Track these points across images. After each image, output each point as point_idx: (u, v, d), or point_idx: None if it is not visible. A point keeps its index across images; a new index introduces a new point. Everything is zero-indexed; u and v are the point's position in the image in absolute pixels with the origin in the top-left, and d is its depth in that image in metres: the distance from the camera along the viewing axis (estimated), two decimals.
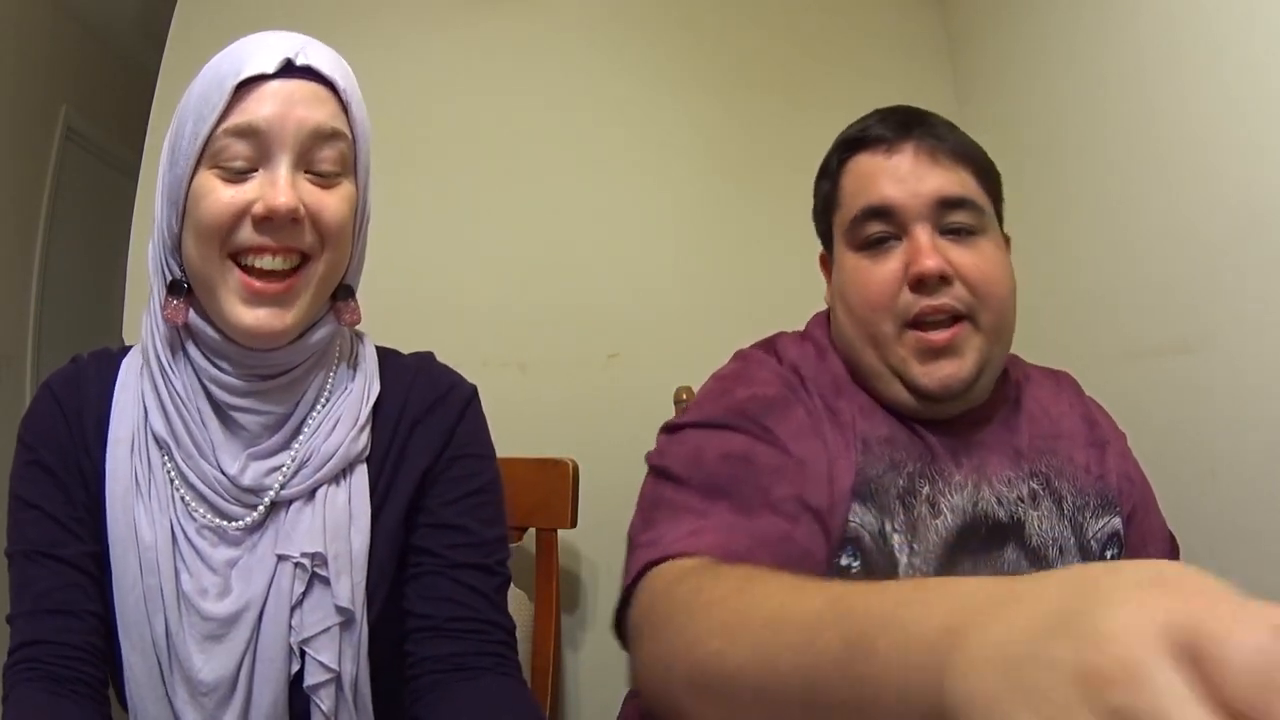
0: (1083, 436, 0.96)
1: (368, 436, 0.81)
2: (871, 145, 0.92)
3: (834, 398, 0.90)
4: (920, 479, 0.87)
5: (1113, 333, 1.42)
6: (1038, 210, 1.66)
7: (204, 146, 0.73)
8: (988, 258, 0.89)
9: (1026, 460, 0.92)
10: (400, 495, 0.83)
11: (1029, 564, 0.87)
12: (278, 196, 0.71)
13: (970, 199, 0.89)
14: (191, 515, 0.76)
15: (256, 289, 0.73)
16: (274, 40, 0.75)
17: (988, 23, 1.84)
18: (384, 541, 0.81)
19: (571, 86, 1.92)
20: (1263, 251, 1.11)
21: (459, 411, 0.86)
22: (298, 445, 0.78)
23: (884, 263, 0.89)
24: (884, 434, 0.89)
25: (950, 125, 0.94)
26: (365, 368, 0.84)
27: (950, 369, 0.87)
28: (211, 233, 0.72)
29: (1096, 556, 0.90)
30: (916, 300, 0.87)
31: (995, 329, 0.88)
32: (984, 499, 0.88)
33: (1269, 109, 1.09)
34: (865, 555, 0.82)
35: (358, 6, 1.85)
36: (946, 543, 0.84)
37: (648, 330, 1.84)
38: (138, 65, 2.60)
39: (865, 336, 0.90)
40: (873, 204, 0.89)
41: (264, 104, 0.72)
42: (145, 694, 0.75)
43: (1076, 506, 0.91)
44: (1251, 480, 1.14)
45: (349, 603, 0.76)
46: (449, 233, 1.84)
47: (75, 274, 3.13)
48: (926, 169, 0.89)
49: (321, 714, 0.76)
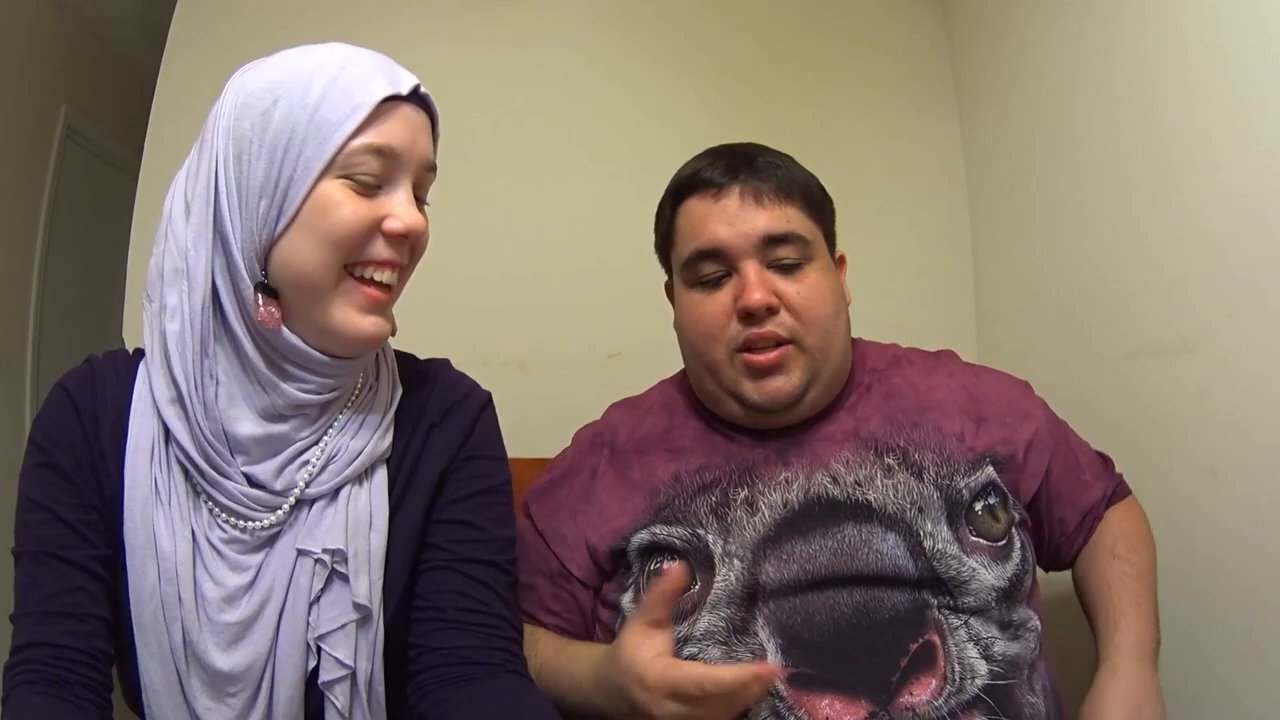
0: (956, 405, 1.04)
1: (391, 438, 0.83)
2: (701, 190, 1.02)
3: (640, 453, 1.06)
4: (737, 488, 0.99)
5: (1113, 333, 1.42)
6: (1038, 210, 1.66)
7: (334, 155, 0.73)
8: (811, 285, 0.99)
9: (877, 439, 1.00)
10: (417, 497, 0.84)
11: (883, 530, 0.94)
12: (410, 215, 0.76)
13: (794, 233, 0.99)
14: (219, 525, 0.76)
15: (376, 298, 0.77)
16: (386, 61, 0.78)
17: (988, 23, 1.84)
18: (401, 542, 0.82)
19: (572, 87, 1.92)
20: (1263, 251, 1.11)
21: (474, 416, 0.89)
22: (326, 441, 0.80)
23: (716, 296, 1.00)
24: (698, 464, 1.02)
25: (778, 163, 1.02)
26: (388, 372, 0.86)
27: (777, 384, 0.98)
28: (342, 243, 0.74)
29: (966, 505, 0.96)
30: (744, 329, 0.98)
31: (821, 347, 0.99)
32: (817, 483, 0.97)
33: (1270, 108, 1.09)
34: (679, 554, 0.96)
35: (357, 8, 1.85)
36: (764, 535, 0.95)
37: (648, 330, 1.83)
38: (138, 65, 2.60)
39: (702, 363, 1.02)
40: (703, 246, 1.00)
41: (400, 127, 0.76)
42: (164, 701, 0.75)
43: (940, 473, 0.98)
44: (1251, 480, 1.14)
45: (367, 600, 0.77)
46: (449, 233, 1.83)
47: (75, 274, 3.13)
48: (752, 211, 0.98)
49: (336, 711, 0.76)
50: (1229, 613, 1.16)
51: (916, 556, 0.92)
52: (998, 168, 1.82)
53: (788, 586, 0.91)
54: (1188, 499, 1.22)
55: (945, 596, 0.91)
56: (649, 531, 0.98)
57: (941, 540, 0.93)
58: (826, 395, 1.02)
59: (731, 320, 0.98)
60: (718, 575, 0.94)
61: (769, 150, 1.05)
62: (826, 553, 0.92)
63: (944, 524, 0.94)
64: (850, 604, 0.90)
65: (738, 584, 0.93)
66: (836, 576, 0.91)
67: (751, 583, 0.92)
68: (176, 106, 1.77)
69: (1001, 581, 0.93)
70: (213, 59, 1.97)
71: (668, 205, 1.08)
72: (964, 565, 0.92)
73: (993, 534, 0.96)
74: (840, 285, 1.05)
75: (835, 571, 0.91)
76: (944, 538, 0.93)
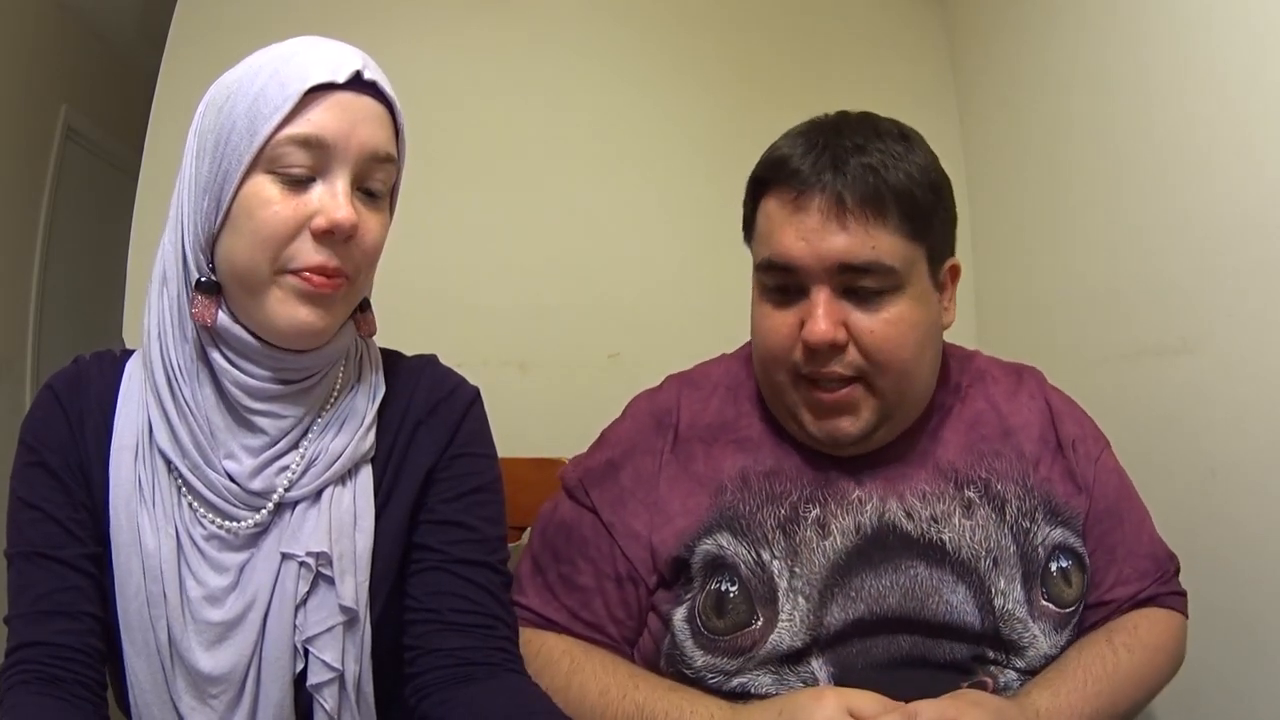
0: (1037, 429, 0.94)
1: (374, 437, 0.82)
2: (782, 187, 0.86)
3: (704, 443, 0.94)
4: (808, 504, 0.88)
5: (1113, 333, 1.42)
6: (1038, 210, 1.66)
7: (261, 148, 0.70)
8: (889, 322, 0.84)
9: (957, 470, 0.91)
10: (404, 495, 0.83)
11: (954, 579, 0.86)
12: (339, 210, 0.71)
13: (878, 263, 0.83)
14: (200, 521, 0.76)
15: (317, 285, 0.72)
16: (339, 49, 0.74)
17: (988, 23, 1.84)
18: (387, 541, 0.81)
19: (572, 89, 1.92)
20: (1262, 251, 1.11)
21: (462, 412, 0.86)
22: (305, 445, 0.78)
23: (783, 314, 0.87)
24: (767, 468, 0.91)
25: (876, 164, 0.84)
26: (371, 369, 0.84)
27: (843, 425, 0.87)
28: (268, 241, 0.71)
29: (1042, 565, 0.88)
30: (809, 359, 0.86)
31: (895, 390, 0.86)
32: (891, 511, 0.88)
33: (1269, 109, 1.09)
34: (742, 581, 0.86)
35: (357, 9, 1.85)
36: (835, 564, 0.86)
37: (648, 330, 1.84)
38: (138, 65, 2.60)
39: (766, 381, 0.92)
40: (774, 259, 0.87)
41: (331, 115, 0.71)
42: (150, 699, 0.74)
43: (1021, 512, 0.89)
44: (1251, 480, 1.14)
45: (353, 602, 0.77)
46: (450, 233, 1.84)
47: (75, 274, 3.13)
48: (833, 228, 0.83)
49: (325, 713, 0.76)
50: (1229, 612, 1.16)
51: (984, 614, 0.86)
52: (997, 168, 1.82)
53: (851, 628, 0.85)
54: (1188, 499, 1.22)
55: (1003, 654, 0.87)
56: (714, 541, 0.88)
57: (1013, 601, 0.87)
58: (897, 430, 0.91)
59: (797, 345, 0.86)
60: (781, 614, 0.85)
61: (875, 136, 0.86)
62: (897, 593, 0.86)
63: (1018, 583, 0.87)
64: (909, 645, 0.86)
65: (801, 626, 0.85)
66: (903, 624, 0.86)
67: (815, 625, 0.85)
68: (176, 106, 1.77)
69: (1055, 650, 0.88)
70: (213, 59, 1.97)
71: (750, 192, 0.93)
72: (1027, 630, 0.87)
73: (1064, 600, 0.89)
74: (935, 314, 0.90)
75: (902, 615, 0.86)
76: (1015, 598, 0.87)
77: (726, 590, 0.87)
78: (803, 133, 0.89)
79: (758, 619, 0.86)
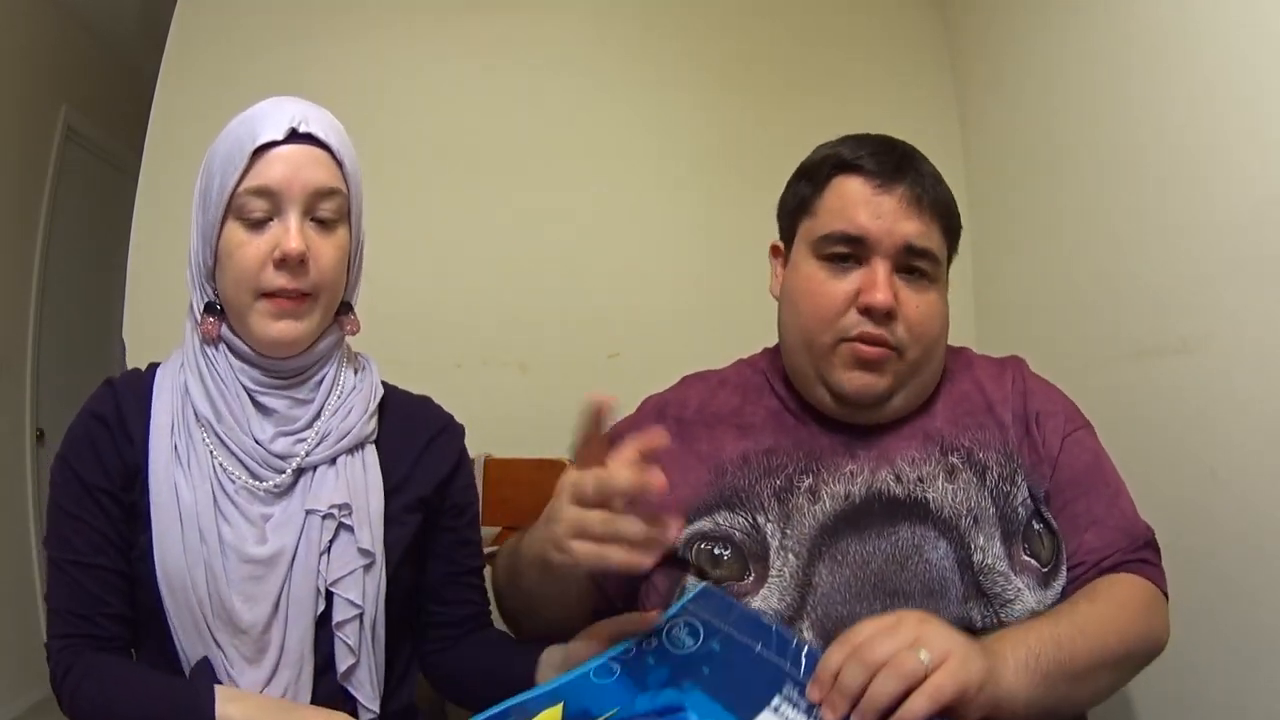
0: (1011, 404, 1.03)
1: (375, 424, 0.98)
2: (866, 175, 1.00)
3: (708, 426, 1.05)
4: (802, 475, 0.99)
5: (1113, 333, 1.42)
6: (1038, 210, 1.67)
7: (229, 201, 0.89)
8: (930, 304, 0.99)
9: (944, 437, 1.00)
10: (416, 487, 0.99)
11: (936, 535, 0.93)
12: (289, 242, 0.88)
13: (934, 251, 0.99)
14: (231, 479, 0.90)
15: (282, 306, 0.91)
16: (282, 109, 0.91)
17: (988, 23, 1.84)
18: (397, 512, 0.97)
19: (572, 89, 1.92)
20: (1262, 251, 1.11)
21: (459, 446, 1.06)
22: (319, 424, 0.95)
23: (840, 281, 0.99)
24: (766, 445, 1.02)
25: (936, 177, 1.02)
26: (369, 374, 1.01)
27: (869, 380, 0.98)
28: (244, 276, 0.90)
29: (1023, 524, 0.95)
30: (860, 322, 0.97)
31: (919, 363, 1.00)
32: (880, 479, 0.98)
33: (1270, 109, 1.10)
34: (735, 547, 0.96)
35: (356, 13, 1.84)
36: (823, 525, 0.96)
37: (648, 330, 1.84)
38: (138, 65, 2.60)
39: (803, 341, 1.01)
40: (849, 230, 0.98)
41: (275, 168, 0.89)
42: (194, 642, 0.88)
43: (1001, 477, 0.97)
44: (1251, 480, 1.14)
45: (370, 545, 0.92)
46: (450, 234, 1.84)
47: (75, 274, 3.13)
48: (906, 215, 0.98)
49: (348, 648, 0.91)
50: (1229, 612, 1.16)
51: (964, 569, 0.92)
52: (997, 168, 1.82)
53: (838, 591, 0.92)
54: (1188, 499, 1.22)
55: (991, 614, 0.91)
56: (711, 520, 0.98)
57: (992, 556, 0.93)
58: (908, 406, 1.02)
59: (850, 310, 0.98)
60: (772, 568, 0.94)
61: (924, 158, 1.04)
62: (880, 557, 0.93)
63: (997, 539, 0.94)
64: None
65: (791, 581, 0.94)
66: (886, 588, 0.92)
67: (804, 582, 0.93)
68: (176, 106, 1.77)
69: (1041, 608, 0.92)
70: (213, 59, 1.98)
71: (822, 171, 1.04)
72: (1010, 584, 0.92)
73: (1044, 557, 0.94)
74: (947, 312, 1.04)
75: (886, 580, 0.92)
76: (995, 554, 0.93)
77: (720, 554, 0.96)
78: (864, 142, 1.03)
79: (749, 574, 0.95)
